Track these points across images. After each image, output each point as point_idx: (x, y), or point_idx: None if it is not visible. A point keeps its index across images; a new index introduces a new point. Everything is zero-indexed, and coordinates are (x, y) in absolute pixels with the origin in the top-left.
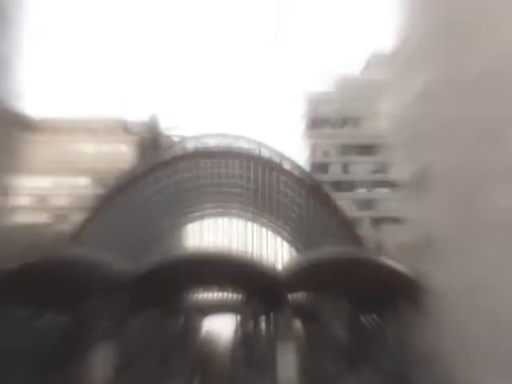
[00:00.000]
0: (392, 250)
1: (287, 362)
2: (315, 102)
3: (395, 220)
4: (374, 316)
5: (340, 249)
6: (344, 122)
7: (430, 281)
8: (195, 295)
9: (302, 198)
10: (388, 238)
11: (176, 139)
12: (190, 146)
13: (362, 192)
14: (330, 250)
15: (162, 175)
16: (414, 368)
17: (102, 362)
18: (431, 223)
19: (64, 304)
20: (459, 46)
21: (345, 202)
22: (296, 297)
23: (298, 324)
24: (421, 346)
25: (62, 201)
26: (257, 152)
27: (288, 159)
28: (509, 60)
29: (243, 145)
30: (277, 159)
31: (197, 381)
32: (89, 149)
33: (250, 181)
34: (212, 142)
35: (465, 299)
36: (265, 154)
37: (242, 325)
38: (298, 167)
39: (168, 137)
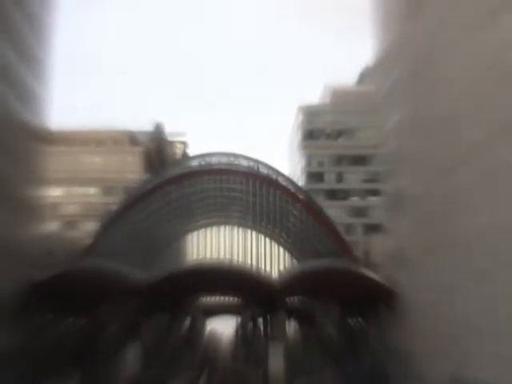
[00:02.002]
0: (377, 257)
1: (277, 358)
2: (311, 114)
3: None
4: (359, 319)
5: (328, 261)
6: (339, 133)
7: (404, 288)
8: (200, 300)
9: (296, 210)
10: (375, 246)
11: (180, 145)
12: (195, 163)
13: (355, 200)
14: (319, 261)
15: (169, 190)
16: (390, 362)
17: (125, 359)
18: (405, 238)
19: (84, 309)
20: (424, 91)
21: (339, 210)
22: (293, 301)
23: (294, 324)
24: (396, 344)
25: (72, 209)
26: (255, 169)
27: (283, 175)
28: (462, 107)
29: (243, 162)
30: (273, 175)
31: (205, 375)
32: (98, 159)
33: (249, 195)
34: (214, 160)
35: (431, 304)
36: (262, 170)
37: (242, 326)
38: (293, 183)
39: (172, 143)
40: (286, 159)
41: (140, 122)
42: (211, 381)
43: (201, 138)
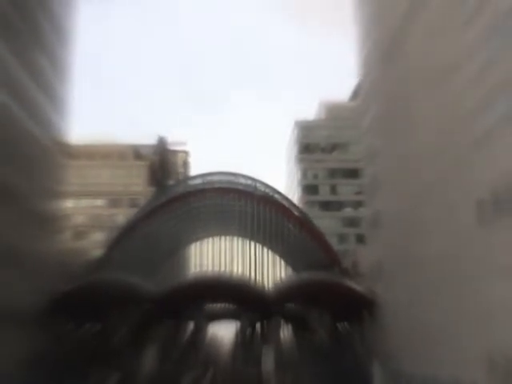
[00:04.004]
0: (365, 268)
1: (269, 359)
2: (306, 129)
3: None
4: (346, 324)
5: (318, 273)
6: (333, 147)
7: (382, 297)
8: (203, 307)
9: (291, 225)
10: (362, 256)
11: (182, 155)
12: (198, 181)
13: (348, 211)
14: (310, 274)
15: (175, 206)
16: (371, 361)
17: (144, 359)
18: (381, 253)
19: (101, 316)
20: (398, 127)
21: (333, 220)
22: (289, 308)
23: (289, 328)
24: (376, 345)
25: (80, 220)
26: (253, 187)
27: (279, 193)
28: (427, 144)
29: (242, 181)
30: (270, 193)
31: (210, 373)
32: (104, 173)
33: (247, 210)
34: (216, 179)
35: (404, 312)
36: (260, 188)
37: (241, 330)
38: (288, 199)
39: (175, 152)
40: (283, 172)
41: (139, 124)
42: (214, 378)
43: (200, 147)
